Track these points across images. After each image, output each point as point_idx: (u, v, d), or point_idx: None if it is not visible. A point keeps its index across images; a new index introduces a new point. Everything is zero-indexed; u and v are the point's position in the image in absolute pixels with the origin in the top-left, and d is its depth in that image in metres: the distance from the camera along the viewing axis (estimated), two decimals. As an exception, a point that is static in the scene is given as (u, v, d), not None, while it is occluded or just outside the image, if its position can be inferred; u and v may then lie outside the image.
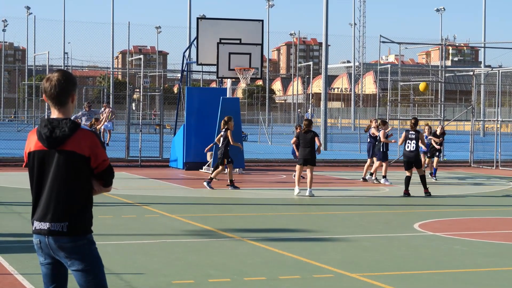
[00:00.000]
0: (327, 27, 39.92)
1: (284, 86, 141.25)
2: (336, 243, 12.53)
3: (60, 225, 5.31)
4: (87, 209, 5.40)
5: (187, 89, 27.78)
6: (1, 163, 27.60)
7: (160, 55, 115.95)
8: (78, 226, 5.34)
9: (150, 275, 9.65)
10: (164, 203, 17.44)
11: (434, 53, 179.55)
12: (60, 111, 5.43)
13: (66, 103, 5.43)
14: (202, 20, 27.54)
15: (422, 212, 17.02)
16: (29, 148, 5.46)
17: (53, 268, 5.47)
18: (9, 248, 11.45)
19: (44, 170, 5.38)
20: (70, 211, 5.32)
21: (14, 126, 62.71)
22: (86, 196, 5.40)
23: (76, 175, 5.33)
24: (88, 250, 5.38)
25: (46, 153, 5.36)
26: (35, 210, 5.43)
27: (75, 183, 5.34)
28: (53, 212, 5.32)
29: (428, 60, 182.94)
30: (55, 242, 5.32)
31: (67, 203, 5.32)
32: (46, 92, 5.41)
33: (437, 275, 10.14)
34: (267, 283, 9.43)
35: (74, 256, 5.33)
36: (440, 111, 36.13)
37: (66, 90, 5.40)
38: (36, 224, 5.39)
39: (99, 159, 5.37)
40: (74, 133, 5.33)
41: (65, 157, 5.31)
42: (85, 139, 5.35)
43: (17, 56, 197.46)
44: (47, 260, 5.45)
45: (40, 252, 5.44)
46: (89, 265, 5.35)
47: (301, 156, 19.30)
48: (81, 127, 5.40)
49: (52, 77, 5.40)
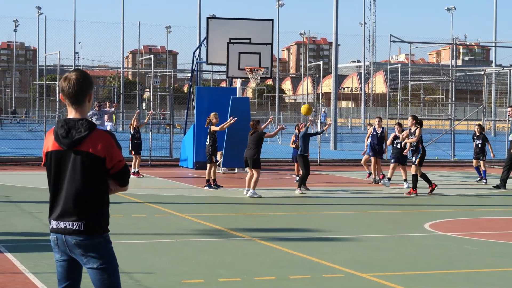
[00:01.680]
0: (337, 26, 39.87)
1: (294, 86, 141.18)
2: (346, 242, 12.51)
3: (77, 223, 5.37)
4: (103, 209, 5.45)
5: (197, 89, 27.80)
6: (12, 162, 27.69)
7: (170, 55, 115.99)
8: (94, 225, 5.39)
9: (160, 274, 9.66)
10: (174, 203, 17.46)
11: (445, 52, 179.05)
12: (77, 111, 5.48)
13: (83, 102, 5.48)
14: (212, 20, 27.55)
15: (433, 212, 16.98)
16: (47, 148, 5.51)
17: (68, 266, 5.52)
18: (20, 247, 11.49)
19: (61, 170, 5.43)
20: (87, 211, 5.38)
21: (25, 125, 62.86)
22: (102, 196, 5.45)
23: (92, 175, 5.38)
24: (104, 249, 5.43)
25: (63, 153, 5.42)
26: (52, 209, 5.49)
27: (91, 183, 5.39)
28: (70, 211, 5.38)
29: (438, 59, 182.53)
30: (72, 240, 5.38)
31: (84, 202, 5.37)
32: (64, 91, 5.45)
33: (448, 275, 10.12)
34: (277, 282, 9.43)
35: (90, 254, 5.39)
36: (450, 111, 36.04)
37: (83, 89, 5.45)
38: (53, 223, 5.45)
39: (115, 159, 5.42)
40: (90, 133, 5.38)
41: (81, 157, 5.37)
42: (101, 139, 5.39)
43: (28, 56, 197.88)
44: (63, 257, 5.50)
45: (57, 249, 5.50)
46: (105, 263, 5.41)
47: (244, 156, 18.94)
48: (97, 127, 5.43)
49: (70, 76, 5.44)
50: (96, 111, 28.35)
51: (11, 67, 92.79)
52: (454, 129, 34.13)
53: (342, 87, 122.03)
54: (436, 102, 70.79)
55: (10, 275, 9.43)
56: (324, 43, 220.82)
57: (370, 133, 23.21)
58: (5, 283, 9.02)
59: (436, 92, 74.18)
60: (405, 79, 37.00)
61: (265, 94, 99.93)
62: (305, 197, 19.09)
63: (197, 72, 32.09)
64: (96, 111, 28.35)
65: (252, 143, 18.76)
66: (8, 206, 16.45)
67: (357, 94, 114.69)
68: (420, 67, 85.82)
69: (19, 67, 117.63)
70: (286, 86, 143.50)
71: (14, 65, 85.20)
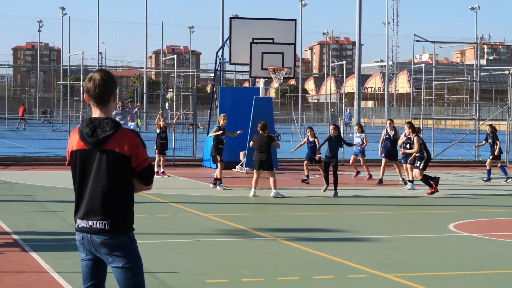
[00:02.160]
0: (360, 26, 39.74)
1: (317, 86, 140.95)
2: (369, 243, 12.49)
3: (103, 223, 5.39)
4: (128, 207, 5.48)
5: (220, 89, 27.84)
6: (36, 162, 27.87)
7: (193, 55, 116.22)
8: (120, 224, 5.41)
9: (184, 274, 9.69)
10: (198, 202, 17.50)
11: (469, 52, 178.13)
12: (102, 110, 5.50)
13: (108, 102, 5.51)
14: (235, 20, 27.58)
15: (457, 213, 16.90)
16: (71, 147, 5.54)
17: (93, 265, 5.55)
18: (45, 247, 11.56)
19: (86, 169, 5.46)
20: (112, 210, 5.40)
21: (49, 125, 63.23)
22: (127, 195, 5.47)
23: (117, 174, 5.40)
24: (130, 248, 5.45)
25: (88, 152, 5.44)
26: (77, 208, 5.51)
27: (117, 182, 5.41)
28: (96, 210, 5.40)
29: (462, 59, 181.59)
30: (98, 239, 5.40)
31: (109, 201, 5.40)
32: (89, 91, 5.48)
33: (471, 276, 10.07)
34: (300, 283, 9.43)
35: (116, 253, 5.41)
36: (475, 111, 35.84)
37: (108, 89, 5.49)
38: (79, 222, 5.48)
39: (140, 158, 5.45)
40: (115, 132, 5.41)
41: (107, 156, 5.39)
42: (126, 138, 5.42)
43: (52, 57, 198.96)
44: (88, 257, 5.53)
45: (82, 248, 5.52)
46: (130, 262, 5.43)
47: (255, 158, 18.92)
48: (122, 126, 5.46)
49: (95, 77, 5.47)
50: (120, 111, 28.46)
51: (35, 68, 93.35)
52: (478, 129, 33.94)
53: (366, 87, 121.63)
54: (460, 102, 70.44)
55: (35, 274, 9.50)
56: (347, 43, 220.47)
57: (383, 137, 23.25)
58: (30, 282, 9.09)
59: (460, 92, 73.81)
60: (429, 78, 36.80)
61: (288, 94, 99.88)
62: (327, 197, 19.05)
63: (220, 72, 32.13)
64: (120, 111, 28.46)
65: (265, 145, 18.82)
66: (33, 205, 16.56)
67: (380, 94, 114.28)
68: (444, 67, 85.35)
69: (43, 67, 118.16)
70: (309, 86, 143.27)
71: (39, 66, 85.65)
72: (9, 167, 26.12)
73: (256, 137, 19.09)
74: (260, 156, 18.79)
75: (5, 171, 24.64)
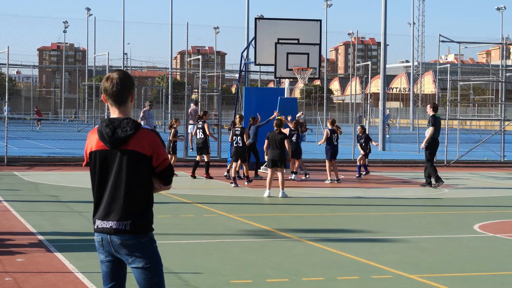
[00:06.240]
0: (385, 26, 39.65)
1: (342, 86, 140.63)
2: (394, 243, 12.43)
3: (123, 223, 5.37)
4: (148, 207, 5.46)
5: (245, 89, 27.83)
6: (62, 162, 28.01)
7: (218, 56, 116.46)
8: (140, 224, 5.39)
9: (208, 275, 9.69)
10: (222, 203, 17.51)
11: (495, 52, 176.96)
12: (120, 110, 5.48)
13: (126, 102, 5.48)
14: (260, 20, 27.56)
15: (483, 213, 16.79)
16: (90, 148, 5.51)
17: (113, 266, 5.52)
18: (70, 247, 11.61)
19: (106, 170, 5.43)
20: (133, 210, 5.38)
21: (74, 126, 63.56)
22: (147, 195, 5.45)
23: (138, 174, 5.38)
24: (150, 248, 5.43)
25: (108, 153, 5.42)
26: (97, 208, 5.49)
27: (137, 182, 5.39)
28: (116, 211, 5.38)
29: (488, 59, 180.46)
30: (118, 240, 5.38)
31: (130, 202, 5.38)
32: (107, 91, 5.46)
33: (498, 277, 10.00)
34: (325, 283, 9.40)
35: (136, 253, 5.39)
36: (500, 111, 35.59)
37: (126, 88, 5.46)
38: (98, 222, 5.46)
39: (160, 158, 5.43)
40: (136, 132, 5.38)
41: (128, 156, 5.37)
42: (147, 138, 5.40)
43: (78, 57, 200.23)
44: (108, 258, 5.50)
45: (101, 249, 5.50)
46: (150, 262, 5.41)
47: (270, 157, 18.81)
48: (142, 126, 5.45)
49: (112, 76, 5.46)
50: (148, 110, 28.79)
51: (60, 68, 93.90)
52: (504, 129, 33.71)
53: (391, 87, 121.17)
54: (486, 103, 70.02)
55: (60, 274, 9.54)
56: (372, 43, 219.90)
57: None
58: (55, 282, 9.12)
59: (485, 93, 73.41)
60: (455, 79, 36.62)
61: (313, 95, 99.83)
62: (353, 198, 19.00)
63: (245, 72, 32.11)
64: (148, 110, 28.79)
65: (279, 143, 18.74)
66: (58, 206, 16.64)
67: (405, 95, 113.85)
68: (469, 67, 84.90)
69: (68, 68, 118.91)
70: (334, 86, 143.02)
71: (64, 66, 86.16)
72: (34, 168, 26.28)
73: (270, 134, 19.01)
74: (273, 154, 18.68)
75: (30, 172, 24.79)
